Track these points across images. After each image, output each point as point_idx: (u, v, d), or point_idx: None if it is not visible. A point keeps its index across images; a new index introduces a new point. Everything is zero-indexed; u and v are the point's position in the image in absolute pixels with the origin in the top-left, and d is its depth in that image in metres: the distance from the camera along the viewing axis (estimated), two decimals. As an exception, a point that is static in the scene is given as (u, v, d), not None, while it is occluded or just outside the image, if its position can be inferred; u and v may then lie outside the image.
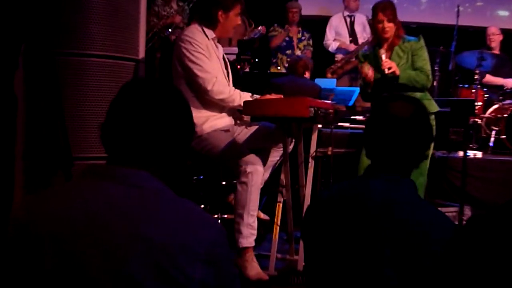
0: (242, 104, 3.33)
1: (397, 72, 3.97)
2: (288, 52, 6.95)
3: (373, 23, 4.13)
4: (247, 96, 3.38)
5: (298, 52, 6.96)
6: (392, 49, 4.07)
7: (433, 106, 4.11)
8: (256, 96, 3.42)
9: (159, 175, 1.41)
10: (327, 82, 6.19)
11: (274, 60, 7.03)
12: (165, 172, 1.44)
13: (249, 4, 6.80)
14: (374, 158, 1.86)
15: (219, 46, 3.55)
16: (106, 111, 1.44)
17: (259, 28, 6.66)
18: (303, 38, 7.10)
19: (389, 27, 4.01)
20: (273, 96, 3.47)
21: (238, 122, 3.58)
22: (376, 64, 4.07)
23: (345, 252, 1.73)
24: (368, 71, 4.03)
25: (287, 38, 7.03)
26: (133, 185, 1.36)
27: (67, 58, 3.12)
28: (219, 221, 3.94)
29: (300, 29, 7.12)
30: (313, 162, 3.72)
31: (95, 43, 3.19)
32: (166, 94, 1.47)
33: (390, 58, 4.05)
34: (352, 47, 6.99)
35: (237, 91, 3.39)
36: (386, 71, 3.94)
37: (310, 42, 7.17)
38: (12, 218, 1.39)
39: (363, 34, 7.04)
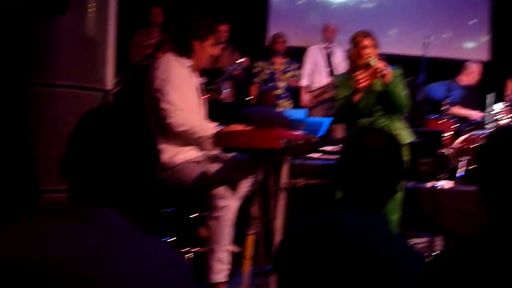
0: (205, 135, 3.32)
1: (387, 80, 4.00)
2: (271, 84, 6.96)
3: (356, 49, 4.18)
4: (211, 127, 3.37)
5: (281, 84, 7.03)
6: (373, 79, 4.13)
7: (409, 137, 4.18)
8: (221, 127, 3.42)
9: (125, 210, 1.37)
10: (298, 113, 6.25)
11: None
12: (131, 206, 1.40)
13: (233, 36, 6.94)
14: (346, 190, 1.87)
15: (194, 75, 3.56)
16: (72, 142, 1.40)
17: (242, 60, 6.76)
18: (288, 69, 7.16)
19: (374, 54, 4.09)
20: (242, 127, 3.48)
21: (209, 153, 3.58)
22: (351, 87, 4.12)
23: (319, 283, 1.73)
24: (364, 77, 4.05)
25: (269, 71, 7.07)
26: (97, 225, 1.32)
27: (34, 88, 3.10)
28: (190, 254, 3.90)
29: (285, 60, 7.18)
30: (284, 194, 3.73)
31: (62, 73, 3.17)
32: (128, 123, 1.42)
33: (371, 86, 4.11)
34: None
35: (201, 122, 3.39)
36: (378, 71, 3.96)
37: (298, 72, 7.25)
38: None
39: (340, 65, 7.17)
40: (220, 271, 3.23)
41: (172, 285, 1.31)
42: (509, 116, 6.12)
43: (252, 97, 6.97)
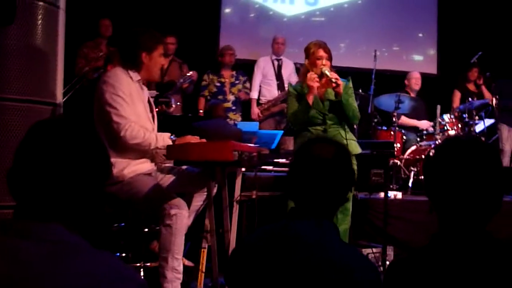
0: (159, 146, 3.32)
1: (340, 91, 4.07)
2: (220, 97, 6.94)
3: (311, 59, 4.22)
4: (165, 137, 3.35)
5: (230, 97, 7.00)
6: (325, 88, 4.19)
7: (357, 148, 4.25)
8: (174, 138, 3.41)
9: (74, 225, 1.34)
10: (250, 126, 6.26)
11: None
12: (80, 221, 1.36)
13: (183, 50, 6.92)
14: (297, 200, 1.88)
15: (145, 88, 3.55)
16: (20, 156, 1.35)
17: (190, 73, 6.73)
18: (237, 81, 7.13)
19: (328, 65, 4.15)
20: (194, 139, 3.47)
21: (160, 166, 3.56)
22: (302, 98, 4.17)
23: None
24: (315, 79, 4.10)
25: (218, 84, 7.05)
26: (45, 241, 1.27)
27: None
28: (141, 270, 3.87)
29: (234, 72, 7.16)
30: (237, 206, 3.74)
31: (10, 87, 3.10)
32: (77, 135, 1.39)
33: (324, 94, 4.17)
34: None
35: (154, 133, 3.37)
36: (333, 82, 4.02)
37: (247, 85, 7.23)
38: None
39: (290, 78, 7.21)
40: (174, 280, 3.20)
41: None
42: (456, 127, 6.30)
43: (201, 110, 6.95)
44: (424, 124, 6.67)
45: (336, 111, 4.20)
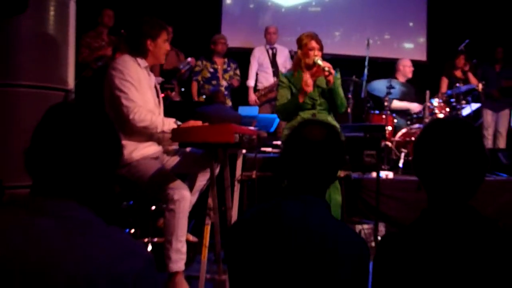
0: (165, 130, 3.33)
1: (332, 80, 4.07)
2: (214, 82, 6.96)
3: (303, 50, 4.22)
4: (170, 122, 3.36)
5: (223, 83, 7.00)
6: (316, 77, 4.19)
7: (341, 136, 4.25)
8: (179, 122, 3.42)
9: (87, 202, 1.35)
10: (250, 110, 6.27)
11: (202, 91, 7.03)
12: (92, 199, 1.37)
13: (178, 37, 6.89)
14: (290, 180, 1.87)
15: (152, 74, 3.55)
16: (35, 139, 1.35)
17: (189, 59, 6.72)
18: (228, 68, 7.13)
19: (319, 55, 4.15)
20: (197, 123, 3.48)
21: (167, 148, 3.57)
22: (297, 86, 4.17)
23: (264, 270, 1.73)
24: (309, 79, 4.11)
25: (211, 70, 7.05)
26: (59, 217, 1.29)
27: (-3, 89, 3.04)
28: (149, 245, 3.89)
29: (226, 60, 7.16)
30: (238, 185, 3.75)
31: (25, 74, 3.11)
32: (91, 118, 1.40)
33: (314, 83, 4.17)
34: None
35: (160, 117, 3.37)
36: (326, 70, 4.02)
37: (237, 72, 7.24)
38: None
39: (285, 65, 7.22)
40: (178, 261, 3.22)
41: (133, 272, 1.30)
42: (443, 111, 6.30)
43: (194, 93, 6.95)
44: (415, 106, 6.66)
45: (325, 98, 4.23)
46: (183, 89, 6.82)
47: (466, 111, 6.54)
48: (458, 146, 1.64)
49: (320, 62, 4.08)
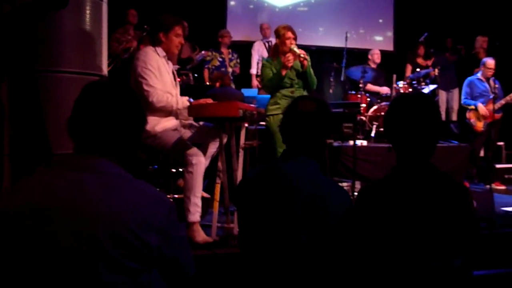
0: (179, 107, 3.30)
1: (306, 64, 4.09)
2: (222, 69, 6.90)
3: (281, 39, 4.19)
4: (184, 100, 3.33)
5: (229, 69, 6.98)
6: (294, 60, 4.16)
7: None
8: (192, 100, 3.39)
9: (119, 161, 1.34)
10: (251, 91, 6.26)
11: (211, 76, 6.97)
12: (121, 159, 1.36)
13: (191, 32, 6.82)
14: (288, 144, 1.87)
15: (170, 62, 3.50)
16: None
17: (203, 52, 6.71)
18: (232, 58, 7.10)
19: (294, 43, 4.13)
20: (209, 100, 3.45)
21: (183, 123, 3.56)
22: (277, 67, 4.17)
23: (266, 218, 1.74)
24: (291, 57, 4.07)
25: (220, 59, 7.00)
26: (96, 172, 1.29)
27: (44, 74, 2.99)
28: (171, 200, 3.90)
29: (230, 50, 7.13)
30: (242, 152, 3.75)
31: (67, 61, 3.08)
32: (121, 93, 1.39)
33: (292, 67, 4.15)
34: None
35: (175, 98, 3.32)
36: (301, 56, 4.03)
37: (238, 61, 7.21)
38: None
39: None
40: (195, 213, 3.23)
41: (160, 216, 1.31)
42: (408, 91, 6.26)
43: (206, 78, 6.91)
44: (384, 89, 6.65)
45: (301, 78, 4.23)
46: (196, 75, 6.78)
47: (425, 91, 6.50)
48: (420, 115, 1.66)
49: (296, 49, 4.08)
